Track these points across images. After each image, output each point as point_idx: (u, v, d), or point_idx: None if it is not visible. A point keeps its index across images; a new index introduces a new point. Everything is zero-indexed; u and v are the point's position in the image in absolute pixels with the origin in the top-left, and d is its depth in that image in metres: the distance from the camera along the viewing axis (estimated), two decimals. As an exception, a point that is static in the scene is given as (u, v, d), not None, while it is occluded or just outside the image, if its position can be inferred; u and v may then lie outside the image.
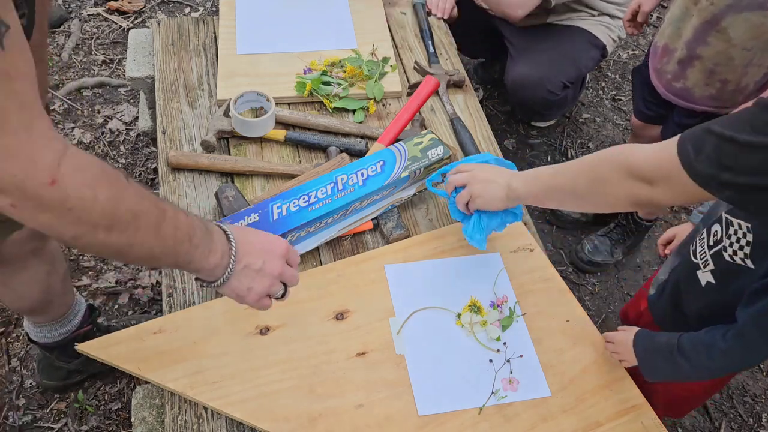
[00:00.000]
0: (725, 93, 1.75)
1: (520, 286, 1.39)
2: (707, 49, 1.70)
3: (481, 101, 2.36)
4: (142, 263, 0.83)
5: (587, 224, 2.51)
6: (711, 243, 1.15)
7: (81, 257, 2.18)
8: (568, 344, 1.31)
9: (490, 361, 1.26)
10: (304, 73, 1.78)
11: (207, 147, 1.58)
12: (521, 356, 1.27)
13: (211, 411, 1.18)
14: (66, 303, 1.64)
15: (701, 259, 1.17)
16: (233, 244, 0.95)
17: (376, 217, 1.48)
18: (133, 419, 1.32)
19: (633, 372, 1.27)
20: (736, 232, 1.08)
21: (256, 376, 1.19)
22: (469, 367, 1.25)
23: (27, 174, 0.68)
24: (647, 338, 1.20)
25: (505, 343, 1.29)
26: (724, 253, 1.11)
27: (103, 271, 2.16)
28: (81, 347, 1.21)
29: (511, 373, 1.25)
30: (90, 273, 2.15)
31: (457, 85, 1.86)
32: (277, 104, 1.65)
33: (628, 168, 0.97)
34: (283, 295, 1.06)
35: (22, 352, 1.95)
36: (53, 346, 1.69)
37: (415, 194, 1.51)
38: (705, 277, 1.16)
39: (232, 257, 0.94)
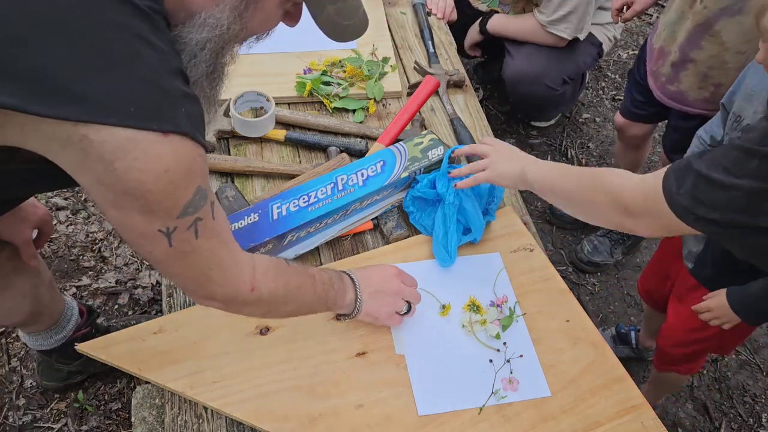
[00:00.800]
0: (718, 96, 1.74)
1: (520, 286, 1.39)
2: (701, 52, 1.70)
3: (481, 101, 2.36)
4: (303, 314, 1.18)
5: (587, 224, 2.51)
6: None
7: (81, 257, 2.19)
8: (568, 344, 1.31)
9: (490, 361, 1.26)
10: (304, 73, 1.78)
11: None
12: (521, 356, 1.27)
13: (211, 411, 1.18)
14: (57, 311, 1.63)
15: None
16: (355, 279, 1.19)
17: (376, 217, 1.48)
18: (133, 419, 1.32)
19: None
20: None
21: (256, 376, 1.19)
22: (469, 367, 1.25)
23: (237, 291, 0.98)
24: (740, 293, 1.37)
25: (505, 343, 1.29)
26: None
27: (103, 271, 2.16)
28: (81, 347, 1.21)
29: (511, 373, 1.25)
30: (90, 273, 2.15)
31: (457, 85, 1.86)
32: (277, 104, 1.65)
33: (616, 199, 1.06)
34: (409, 311, 1.26)
35: (22, 352, 1.94)
36: (51, 351, 1.69)
37: (415, 194, 1.51)
38: None
39: (358, 289, 1.18)
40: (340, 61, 1.81)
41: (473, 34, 2.52)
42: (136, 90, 0.74)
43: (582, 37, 2.29)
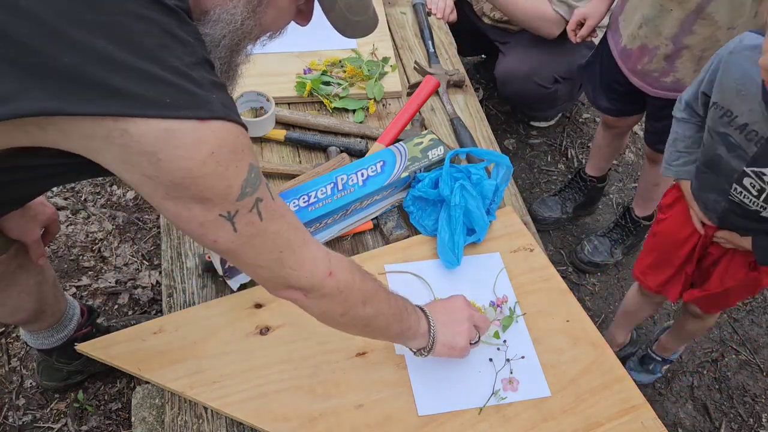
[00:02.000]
0: None
1: (520, 286, 1.39)
2: (694, 37, 1.70)
3: (481, 101, 2.35)
4: (379, 335, 1.11)
5: (569, 220, 2.52)
6: (755, 193, 1.28)
7: (81, 257, 2.19)
8: (568, 344, 1.31)
9: (490, 360, 1.26)
10: (304, 73, 1.78)
11: (207, 147, 1.58)
12: (521, 357, 1.27)
13: (211, 411, 1.18)
14: (59, 309, 1.63)
15: (756, 206, 1.30)
16: (425, 309, 1.15)
17: (376, 217, 1.48)
18: (133, 419, 1.32)
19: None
20: None
21: (256, 376, 1.19)
22: (469, 367, 1.25)
23: (314, 273, 0.94)
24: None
25: (504, 341, 1.29)
26: None
27: (103, 271, 2.16)
28: (81, 347, 1.21)
29: (511, 373, 1.25)
30: (90, 273, 2.15)
31: (457, 85, 1.86)
32: (277, 104, 1.65)
33: None
34: (478, 340, 1.22)
35: (22, 352, 1.94)
36: (52, 350, 1.69)
37: (415, 194, 1.51)
38: None
39: (430, 318, 1.14)
40: (340, 61, 1.81)
41: None
42: (168, 81, 0.74)
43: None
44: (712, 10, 1.63)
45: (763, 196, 1.28)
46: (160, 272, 1.94)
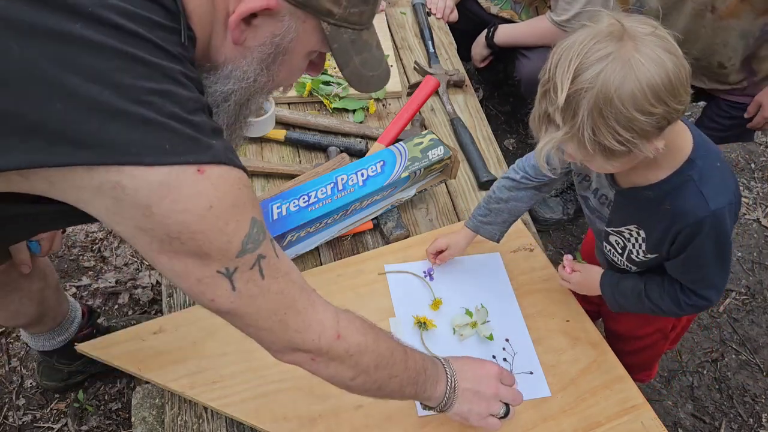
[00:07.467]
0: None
1: (520, 286, 1.39)
2: None
3: (481, 101, 2.35)
4: (391, 397, 1.02)
5: (569, 222, 2.52)
6: (620, 250, 1.23)
7: (81, 257, 2.18)
8: (568, 344, 1.31)
9: (493, 357, 1.26)
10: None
11: (207, 147, 1.58)
12: (521, 356, 1.27)
13: (211, 411, 1.18)
14: (61, 313, 1.62)
15: (624, 266, 1.26)
16: (449, 371, 1.05)
17: (376, 217, 1.48)
18: (133, 419, 1.32)
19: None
20: (631, 234, 1.18)
21: (256, 376, 1.19)
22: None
23: (321, 336, 0.88)
24: (614, 282, 1.26)
25: (507, 339, 1.29)
26: (632, 256, 1.21)
27: (103, 271, 2.16)
28: (81, 347, 1.21)
29: (511, 372, 1.25)
30: (90, 273, 2.14)
31: (457, 85, 1.86)
32: (277, 104, 1.65)
33: None
34: (507, 414, 1.10)
35: (22, 352, 1.94)
36: (53, 351, 1.69)
37: (415, 194, 1.51)
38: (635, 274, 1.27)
39: (451, 383, 1.04)
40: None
41: (479, 49, 2.48)
42: (168, 126, 0.69)
43: None
44: None
45: (626, 254, 1.23)
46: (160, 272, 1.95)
